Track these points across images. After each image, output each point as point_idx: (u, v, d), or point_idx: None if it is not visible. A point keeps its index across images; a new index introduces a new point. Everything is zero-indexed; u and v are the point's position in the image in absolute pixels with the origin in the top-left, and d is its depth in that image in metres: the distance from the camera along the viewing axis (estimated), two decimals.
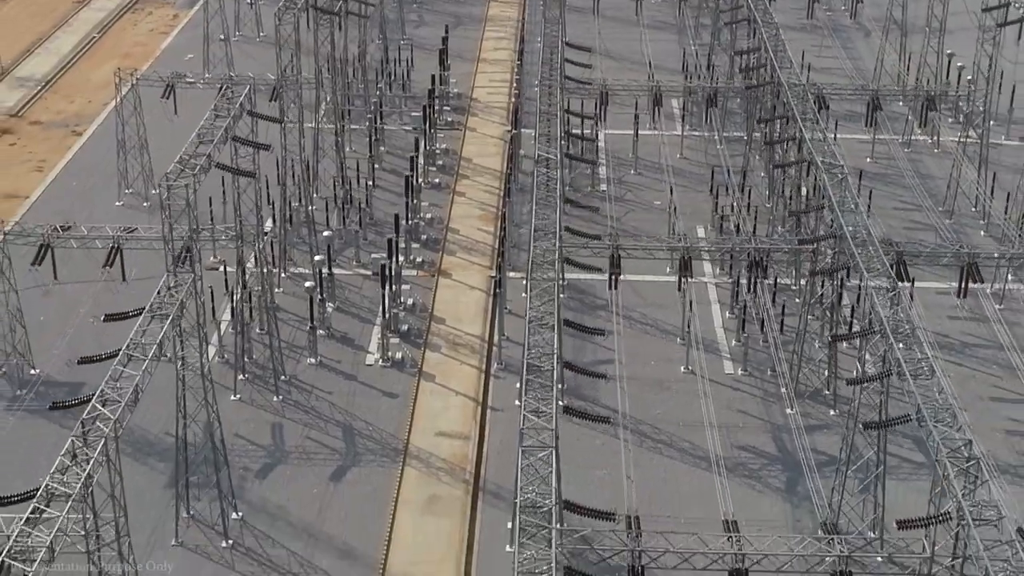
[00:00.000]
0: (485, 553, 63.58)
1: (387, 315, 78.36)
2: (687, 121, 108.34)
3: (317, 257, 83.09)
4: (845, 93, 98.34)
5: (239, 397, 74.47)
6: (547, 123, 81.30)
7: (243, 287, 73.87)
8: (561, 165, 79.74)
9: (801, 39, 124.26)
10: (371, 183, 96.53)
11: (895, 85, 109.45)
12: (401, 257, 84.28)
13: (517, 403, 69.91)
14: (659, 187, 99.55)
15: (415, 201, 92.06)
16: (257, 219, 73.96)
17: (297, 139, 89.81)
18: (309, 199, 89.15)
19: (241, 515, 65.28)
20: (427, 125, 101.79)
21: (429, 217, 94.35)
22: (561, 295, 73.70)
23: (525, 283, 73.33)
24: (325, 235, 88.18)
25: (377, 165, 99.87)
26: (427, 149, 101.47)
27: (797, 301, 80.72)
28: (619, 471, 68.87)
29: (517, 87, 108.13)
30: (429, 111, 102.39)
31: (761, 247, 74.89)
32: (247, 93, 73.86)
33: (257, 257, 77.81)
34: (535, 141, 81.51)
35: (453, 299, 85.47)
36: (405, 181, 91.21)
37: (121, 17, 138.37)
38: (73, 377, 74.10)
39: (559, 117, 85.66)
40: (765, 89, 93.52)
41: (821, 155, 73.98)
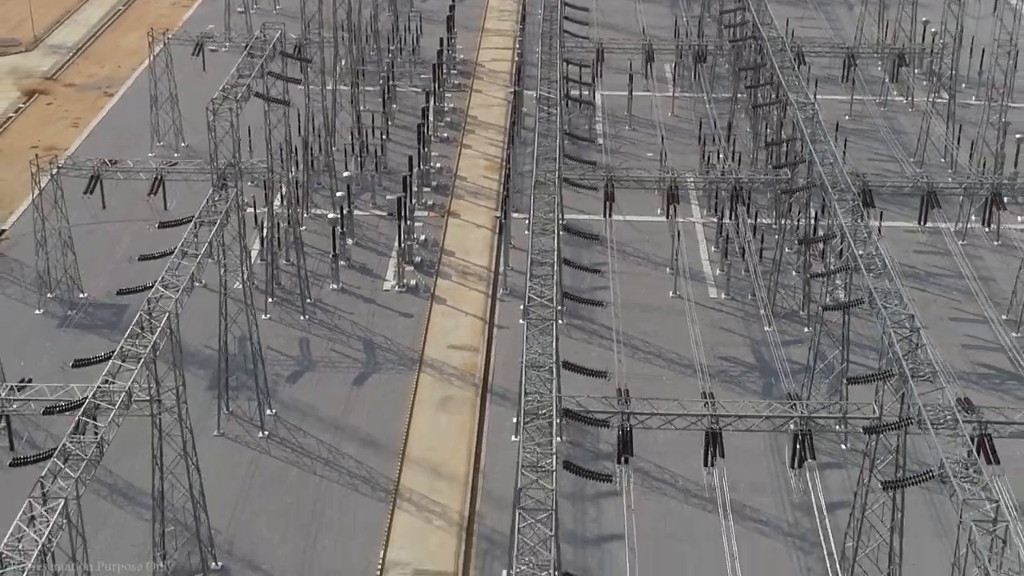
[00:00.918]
0: (492, 442, 71.33)
1: (402, 245, 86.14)
2: (678, 83, 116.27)
3: (339, 193, 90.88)
4: (823, 51, 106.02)
5: (269, 317, 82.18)
6: (548, 68, 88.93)
7: (271, 216, 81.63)
8: (561, 104, 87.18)
9: (787, 11, 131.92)
10: (385, 135, 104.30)
11: (873, 51, 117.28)
12: (414, 200, 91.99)
13: (521, 322, 77.41)
14: (651, 140, 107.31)
15: (426, 150, 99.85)
16: (286, 153, 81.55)
17: (320, 91, 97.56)
18: (330, 146, 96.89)
19: (275, 411, 73.07)
20: (436, 84, 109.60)
21: (439, 166, 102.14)
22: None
23: (528, 220, 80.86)
24: (345, 175, 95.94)
25: (390, 121, 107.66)
26: (436, 106, 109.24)
27: (776, 238, 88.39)
28: (612, 383, 76.41)
29: (519, 47, 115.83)
30: (438, 71, 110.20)
31: (741, 177, 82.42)
32: (279, 37, 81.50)
33: (283, 194, 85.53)
34: (537, 97, 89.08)
35: (462, 236, 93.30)
36: (417, 130, 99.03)
37: None
38: (116, 301, 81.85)
39: (559, 66, 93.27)
40: (748, 45, 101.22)
41: (795, 94, 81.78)
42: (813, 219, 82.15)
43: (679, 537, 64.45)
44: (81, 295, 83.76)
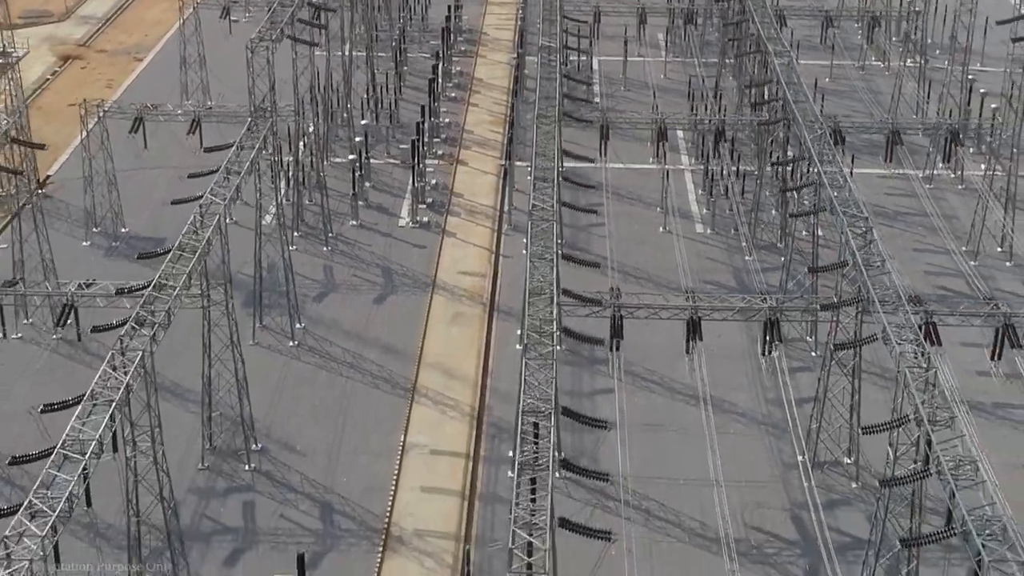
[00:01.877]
0: (498, 350, 79.64)
1: (415, 185, 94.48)
2: (670, 49, 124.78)
3: (358, 138, 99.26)
4: (803, 14, 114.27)
5: (295, 248, 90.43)
6: (549, 24, 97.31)
7: (296, 156, 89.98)
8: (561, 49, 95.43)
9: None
10: (398, 92, 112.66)
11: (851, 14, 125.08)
12: (425, 147, 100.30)
13: (524, 252, 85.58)
14: (645, 100, 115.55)
15: (436, 104, 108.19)
16: (314, 94, 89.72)
17: (340, 49, 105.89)
18: (348, 100, 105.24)
19: (303, 325, 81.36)
20: (444, 47, 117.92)
21: (447, 121, 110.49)
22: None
23: (530, 168, 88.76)
24: (363, 123, 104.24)
25: (402, 81, 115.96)
26: (444, 68, 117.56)
27: (758, 182, 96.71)
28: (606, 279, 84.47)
29: (522, 12, 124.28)
30: (445, 36, 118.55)
31: (724, 119, 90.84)
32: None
33: (306, 140, 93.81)
34: (538, 60, 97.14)
35: (469, 180, 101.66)
36: (429, 85, 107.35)
37: None
38: (156, 233, 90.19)
39: (559, 22, 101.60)
40: (731, 5, 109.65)
41: (771, 43, 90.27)
42: (790, 160, 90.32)
43: (665, 426, 72.70)
44: (123, 229, 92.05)
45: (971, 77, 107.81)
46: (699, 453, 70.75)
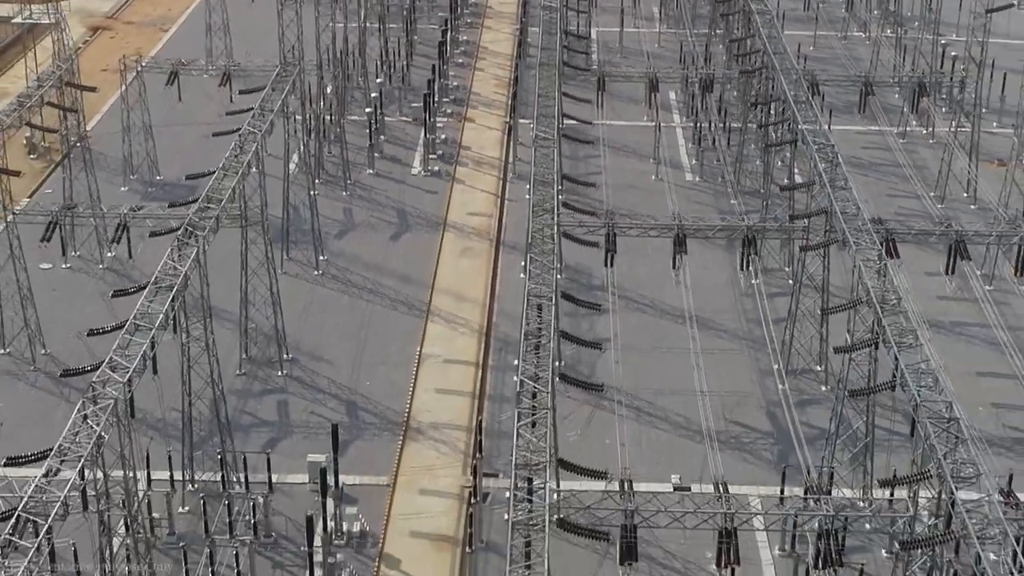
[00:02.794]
0: (504, 277, 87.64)
1: (427, 136, 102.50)
2: (664, 20, 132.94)
3: (373, 94, 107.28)
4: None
5: (317, 193, 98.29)
6: None
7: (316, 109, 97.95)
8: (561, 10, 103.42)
9: None
10: (409, 57, 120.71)
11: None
12: (435, 104, 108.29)
13: (527, 197, 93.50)
14: (640, 65, 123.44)
15: (444, 66, 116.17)
16: (331, 57, 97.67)
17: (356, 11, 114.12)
18: (362, 63, 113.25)
19: (326, 257, 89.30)
20: (452, 17, 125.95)
21: (455, 84, 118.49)
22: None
23: (532, 126, 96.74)
24: (377, 81, 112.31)
25: (412, 49, 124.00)
26: (452, 37, 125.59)
27: (742, 133, 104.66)
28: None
29: None
30: (453, 7, 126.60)
31: (712, 72, 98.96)
32: None
33: (326, 95, 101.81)
34: (539, 18, 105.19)
35: (477, 135, 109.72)
36: (438, 48, 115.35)
37: None
38: (188, 183, 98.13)
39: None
40: None
41: (754, 3, 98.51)
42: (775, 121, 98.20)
43: (655, 344, 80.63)
44: (158, 177, 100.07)
45: (943, 42, 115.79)
46: (685, 367, 78.58)
